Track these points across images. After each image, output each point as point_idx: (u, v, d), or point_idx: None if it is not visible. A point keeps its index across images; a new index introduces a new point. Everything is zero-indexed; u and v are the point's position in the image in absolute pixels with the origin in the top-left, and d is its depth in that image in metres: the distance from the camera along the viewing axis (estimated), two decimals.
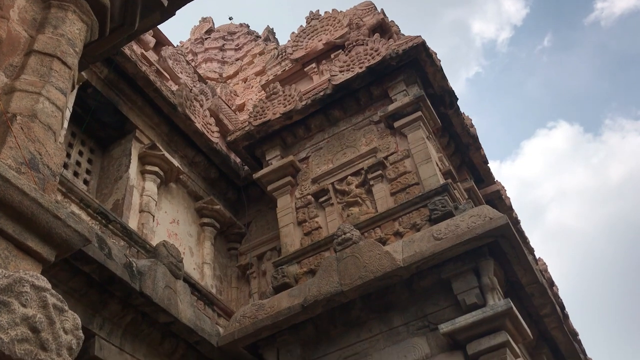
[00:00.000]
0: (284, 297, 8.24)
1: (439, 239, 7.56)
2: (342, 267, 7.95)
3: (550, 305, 8.43)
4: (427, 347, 7.38)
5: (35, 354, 2.41)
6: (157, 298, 7.42)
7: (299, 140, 10.74)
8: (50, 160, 3.56)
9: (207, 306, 9.42)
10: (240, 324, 8.23)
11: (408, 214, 8.65)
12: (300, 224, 9.74)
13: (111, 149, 10.08)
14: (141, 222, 9.31)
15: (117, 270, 7.01)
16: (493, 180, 12.01)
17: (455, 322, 7.11)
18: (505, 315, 6.98)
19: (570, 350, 9.31)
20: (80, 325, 2.72)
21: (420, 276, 7.71)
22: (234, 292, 10.83)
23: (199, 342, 8.06)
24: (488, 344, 6.92)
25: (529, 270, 7.90)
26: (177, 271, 8.10)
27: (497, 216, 7.46)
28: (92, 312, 7.05)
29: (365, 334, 7.89)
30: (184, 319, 7.76)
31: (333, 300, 7.83)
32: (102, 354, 6.96)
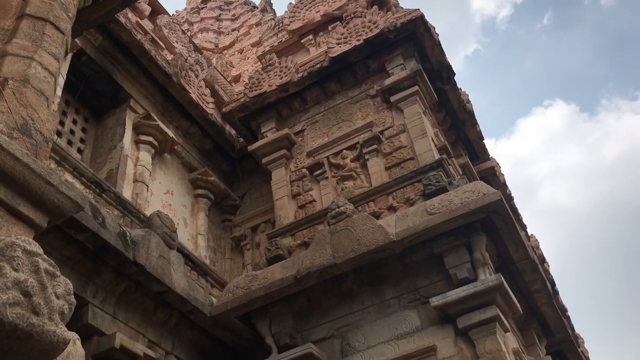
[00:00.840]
0: (277, 269, 8.29)
1: (432, 214, 7.59)
2: (335, 240, 7.98)
3: (540, 281, 8.52)
4: (418, 319, 7.46)
5: (27, 317, 2.42)
6: (150, 267, 7.45)
7: (294, 113, 10.69)
8: (42, 126, 3.53)
9: (200, 276, 9.47)
10: (234, 294, 8.28)
11: (402, 188, 8.66)
12: (295, 197, 9.75)
13: (105, 118, 10.02)
14: (135, 192, 9.30)
15: (111, 239, 7.02)
16: (488, 157, 12.02)
17: (446, 296, 7.18)
18: (496, 290, 7.05)
19: (559, 326, 9.44)
20: (72, 291, 2.73)
21: (412, 250, 7.76)
22: (228, 263, 10.88)
23: (192, 312, 8.12)
24: (478, 318, 7.00)
25: (521, 246, 7.96)
26: (171, 241, 8.12)
27: (491, 192, 7.49)
28: (85, 280, 7.07)
29: (357, 306, 7.96)
30: (178, 289, 7.80)
31: (326, 272, 7.88)
32: (95, 322, 7.01)
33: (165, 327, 8.02)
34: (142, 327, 7.66)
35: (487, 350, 6.82)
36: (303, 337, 8.04)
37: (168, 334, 8.06)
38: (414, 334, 7.34)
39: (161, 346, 7.86)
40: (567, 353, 10.22)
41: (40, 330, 2.46)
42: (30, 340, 2.48)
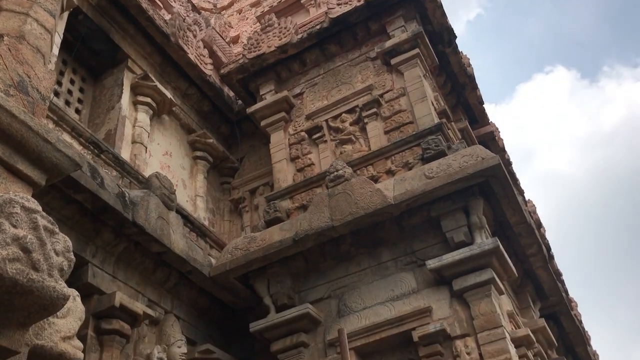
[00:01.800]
0: (276, 231, 8.35)
1: (430, 178, 7.60)
2: (333, 203, 8.02)
3: (536, 245, 8.60)
4: (414, 282, 7.55)
5: (26, 273, 2.45)
6: (149, 228, 7.49)
7: (293, 75, 10.59)
8: (39, 83, 3.50)
9: (199, 238, 9.54)
10: (232, 255, 8.36)
11: (401, 152, 8.66)
12: (293, 160, 9.75)
13: (103, 79, 9.92)
14: (134, 153, 9.28)
15: (110, 199, 7.04)
16: (487, 122, 11.97)
17: (442, 259, 7.26)
18: (492, 254, 7.12)
19: (553, 289, 9.56)
20: (71, 248, 2.75)
21: (410, 214, 7.80)
22: (227, 225, 10.95)
23: (191, 272, 8.21)
24: (474, 280, 7.09)
25: (518, 210, 8.00)
26: (170, 202, 8.15)
27: (489, 156, 7.49)
28: (85, 240, 7.12)
29: (354, 268, 8.05)
30: (177, 249, 7.87)
31: (324, 234, 7.94)
32: (95, 281, 7.09)
33: (164, 287, 8.12)
34: (141, 286, 7.76)
35: (482, 312, 6.93)
36: (301, 297, 8.16)
37: (167, 293, 8.17)
38: (409, 296, 7.44)
39: (160, 305, 7.97)
40: (561, 316, 10.39)
41: (40, 285, 2.49)
42: (30, 296, 2.51)
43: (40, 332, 2.81)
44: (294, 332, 7.77)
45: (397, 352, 7.27)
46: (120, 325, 7.01)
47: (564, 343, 10.86)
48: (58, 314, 2.91)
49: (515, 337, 7.31)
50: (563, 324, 10.58)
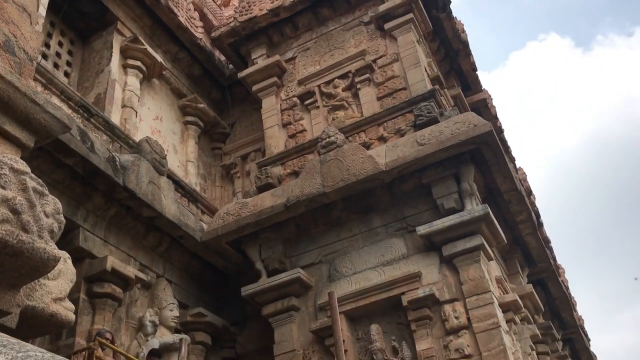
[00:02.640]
0: (267, 197, 8.35)
1: (422, 145, 7.60)
2: (325, 169, 8.01)
3: (526, 212, 8.66)
4: (404, 247, 7.62)
5: (16, 234, 2.44)
6: (140, 193, 7.48)
7: (285, 39, 10.45)
8: (26, 43, 3.43)
9: (191, 203, 9.54)
10: (224, 220, 8.38)
11: (393, 119, 8.62)
12: (285, 126, 9.69)
13: (92, 41, 9.76)
14: (124, 117, 9.19)
15: (100, 164, 7.00)
16: (480, 89, 11.92)
17: (432, 225, 7.31)
18: (481, 220, 7.17)
19: (541, 256, 9.68)
20: (60, 210, 2.74)
21: (401, 180, 7.82)
22: (218, 190, 10.94)
23: (183, 237, 8.23)
24: (463, 246, 7.16)
25: (509, 177, 8.04)
26: (161, 167, 8.12)
27: (482, 123, 7.48)
28: (75, 204, 7.10)
29: (345, 233, 8.10)
30: (168, 214, 7.87)
31: (315, 201, 7.96)
32: (86, 245, 7.10)
33: (156, 252, 8.15)
34: (133, 251, 7.78)
35: (471, 278, 7.02)
36: (292, 262, 8.22)
37: (159, 258, 8.20)
38: (399, 261, 7.51)
39: (152, 269, 8.01)
40: (548, 282, 10.54)
41: (30, 247, 2.48)
42: (20, 257, 2.50)
43: (32, 294, 2.82)
44: (285, 296, 7.85)
45: (387, 316, 7.37)
46: (112, 289, 7.05)
47: (550, 308, 11.05)
48: (49, 276, 2.91)
49: (503, 302, 7.42)
50: (550, 289, 10.75)
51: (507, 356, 6.44)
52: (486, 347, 6.56)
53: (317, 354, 7.40)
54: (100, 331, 6.55)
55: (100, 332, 6.49)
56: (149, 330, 7.42)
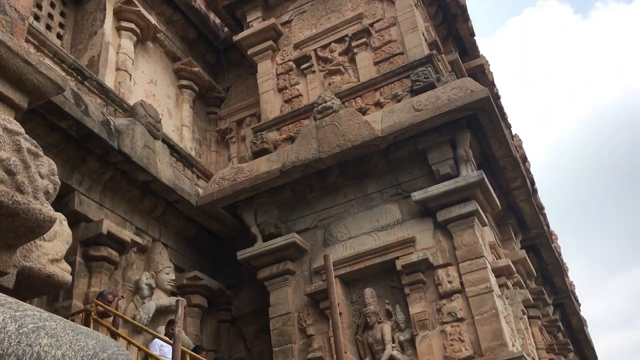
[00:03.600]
0: (263, 162, 8.34)
1: (418, 110, 7.56)
2: (321, 134, 7.99)
3: (521, 179, 8.69)
4: (399, 213, 7.65)
5: (11, 195, 2.43)
6: (135, 157, 7.45)
7: (281, 1, 10.28)
8: (17, 2, 3.36)
9: (186, 167, 9.52)
10: (220, 185, 8.38)
11: (390, 84, 8.56)
12: (281, 91, 9.62)
13: (84, 2, 9.58)
14: (118, 80, 9.10)
15: (95, 127, 6.96)
16: (478, 54, 11.82)
17: (427, 191, 7.33)
18: (476, 186, 7.20)
19: (535, 222, 9.76)
20: (55, 171, 2.73)
21: (397, 146, 7.81)
22: (213, 155, 10.92)
23: (179, 201, 8.24)
24: (458, 212, 7.20)
25: (505, 144, 8.04)
26: (156, 131, 8.08)
27: (478, 89, 7.43)
28: (70, 167, 7.08)
29: (340, 199, 8.12)
30: (163, 178, 7.86)
31: (311, 166, 7.95)
32: (82, 209, 7.11)
33: (151, 216, 8.17)
34: (128, 214, 7.80)
35: (465, 243, 7.08)
36: (287, 227, 8.26)
37: (155, 222, 8.23)
38: (394, 226, 7.56)
39: (148, 233, 8.05)
40: (541, 248, 10.65)
41: (26, 208, 2.47)
42: (16, 218, 2.50)
43: (28, 255, 2.82)
44: (280, 260, 7.92)
45: (381, 280, 7.46)
46: (108, 252, 7.09)
47: (542, 274, 11.20)
48: (45, 237, 2.91)
49: (496, 267, 7.50)
50: (543, 255, 10.87)
51: (498, 320, 6.55)
52: (478, 311, 6.66)
53: (311, 316, 7.50)
54: (103, 292, 6.62)
55: (103, 293, 6.56)
56: (146, 293, 7.49)
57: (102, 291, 6.65)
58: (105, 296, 6.50)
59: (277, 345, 7.49)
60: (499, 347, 6.39)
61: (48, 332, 2.11)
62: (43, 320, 2.16)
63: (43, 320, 2.16)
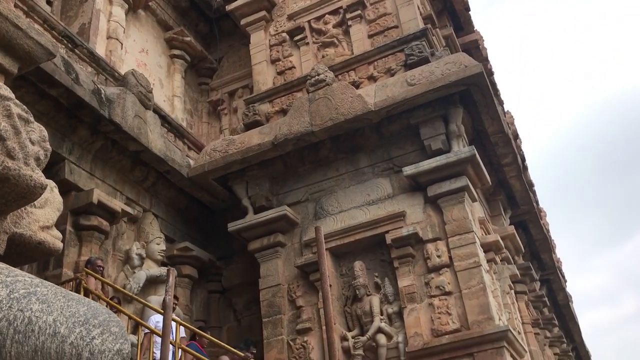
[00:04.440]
0: (255, 134, 8.31)
1: (412, 85, 7.54)
2: (313, 107, 7.95)
3: (512, 155, 8.72)
4: (390, 187, 7.68)
5: (2, 161, 2.41)
6: (126, 126, 7.40)
7: None
8: None
9: (177, 138, 9.47)
10: (211, 157, 8.36)
11: (384, 58, 8.51)
12: (274, 63, 9.54)
13: None
14: (109, 49, 8.98)
15: (85, 95, 6.89)
16: (472, 29, 11.74)
17: (419, 166, 7.35)
18: (467, 162, 7.22)
19: (525, 199, 9.82)
20: (47, 138, 2.70)
21: (389, 120, 7.79)
22: (205, 127, 10.86)
23: (170, 172, 8.22)
24: (448, 187, 7.23)
25: (497, 120, 8.04)
26: (147, 101, 8.01)
27: (472, 64, 7.40)
28: (61, 136, 7.03)
29: (332, 172, 8.13)
30: (154, 149, 7.82)
31: (303, 139, 7.93)
32: (72, 178, 7.07)
33: (142, 186, 8.14)
34: (119, 184, 7.77)
35: (454, 218, 7.13)
36: (278, 200, 8.27)
37: (145, 192, 8.21)
38: (385, 201, 7.59)
39: (139, 203, 8.04)
40: (530, 224, 10.74)
41: (17, 174, 2.46)
42: (6, 184, 2.48)
43: (19, 221, 2.81)
44: (271, 232, 7.94)
45: (370, 253, 7.51)
46: (99, 222, 7.08)
47: (530, 250, 11.32)
48: (36, 204, 2.90)
49: (485, 242, 7.58)
50: (531, 231, 10.97)
51: (486, 294, 6.64)
52: (466, 285, 6.74)
53: (301, 288, 7.56)
54: (90, 258, 6.63)
55: (91, 260, 6.57)
56: (136, 263, 7.51)
57: (90, 258, 6.65)
58: (93, 262, 6.50)
59: (267, 316, 7.56)
60: (486, 320, 6.49)
61: (39, 297, 2.12)
62: (34, 286, 2.16)
63: (34, 286, 2.16)
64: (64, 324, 2.11)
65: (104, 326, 2.25)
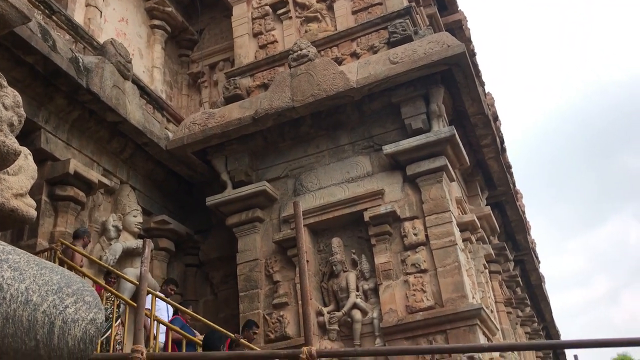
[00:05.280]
0: (235, 108, 8.24)
1: (394, 63, 7.52)
2: (295, 83, 7.90)
3: (491, 137, 8.79)
4: (370, 165, 7.70)
5: None
6: (104, 96, 7.28)
7: None
8: None
9: (156, 110, 9.36)
10: (190, 130, 8.28)
11: (367, 35, 8.46)
12: (256, 36, 9.43)
13: None
14: (88, 16, 8.78)
15: (63, 64, 6.75)
16: (456, 9, 11.71)
17: (399, 144, 7.37)
18: (447, 142, 7.26)
19: (502, 180, 9.93)
20: (20, 103, 2.64)
21: (371, 98, 7.78)
22: (184, 99, 10.74)
23: (148, 144, 8.13)
24: (427, 166, 7.27)
25: (477, 101, 8.08)
26: (126, 72, 7.88)
27: (455, 44, 7.40)
28: (37, 104, 6.89)
29: (312, 149, 8.12)
30: (133, 120, 7.72)
31: (284, 115, 7.89)
32: (48, 147, 6.96)
33: (120, 157, 8.05)
34: (96, 155, 7.67)
35: (432, 197, 7.19)
36: (258, 175, 8.25)
37: (123, 164, 8.12)
38: (364, 179, 7.62)
39: (116, 175, 7.95)
40: (506, 205, 10.89)
41: None
42: None
43: None
44: (249, 207, 7.93)
45: (348, 230, 7.56)
46: (75, 193, 7.00)
47: (506, 230, 11.49)
48: (9, 171, 2.85)
49: (461, 222, 7.66)
50: (507, 212, 11.12)
51: (460, 272, 6.73)
52: (442, 263, 6.83)
53: (279, 263, 7.59)
54: (79, 230, 6.55)
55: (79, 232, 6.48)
56: (112, 235, 7.46)
57: (79, 229, 6.56)
58: (81, 237, 6.43)
59: (244, 290, 7.59)
60: (460, 298, 6.59)
61: (11, 265, 2.10)
62: (6, 253, 2.13)
63: (6, 253, 2.13)
64: (36, 292, 2.09)
65: (77, 295, 2.23)
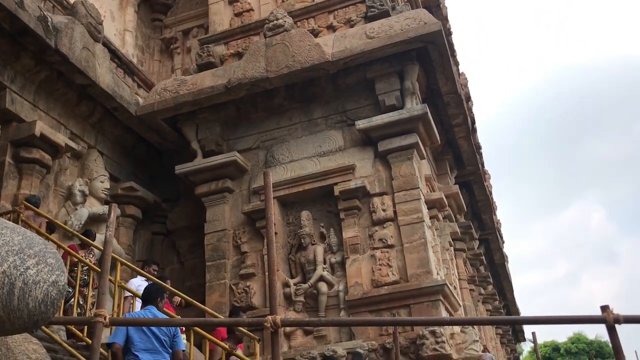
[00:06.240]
0: (208, 76, 8.13)
1: (371, 38, 7.48)
2: (270, 53, 7.81)
3: (462, 116, 8.87)
4: (342, 140, 7.71)
5: None
6: (73, 58, 7.10)
7: None
8: None
9: (127, 75, 9.17)
10: (161, 96, 8.14)
11: (345, 7, 8.39)
12: (232, 3, 9.26)
13: None
14: None
15: (30, 22, 6.54)
16: None
17: (371, 120, 7.39)
18: (419, 119, 7.30)
19: (471, 159, 10.06)
20: None
21: (346, 72, 7.75)
22: (156, 65, 10.54)
23: (117, 109, 7.98)
24: (399, 143, 7.32)
25: (451, 80, 8.12)
26: (97, 34, 7.68)
27: (432, 22, 7.39)
28: (2, 63, 6.68)
29: (285, 121, 8.08)
30: (102, 84, 7.56)
31: (257, 85, 7.82)
32: (13, 107, 6.78)
33: (88, 122, 7.89)
34: (64, 118, 7.51)
35: (402, 174, 7.25)
36: (229, 145, 8.19)
37: (91, 128, 7.97)
38: (336, 153, 7.63)
39: (84, 139, 7.80)
40: (474, 185, 11.05)
41: None
42: None
43: None
44: (219, 177, 7.89)
45: (318, 204, 7.59)
46: (41, 155, 6.85)
47: (472, 209, 11.68)
48: None
49: (430, 199, 7.75)
50: (475, 192, 11.30)
51: (426, 249, 6.83)
52: (408, 239, 6.92)
53: (247, 234, 7.60)
54: (31, 198, 6.40)
55: (31, 200, 6.34)
56: (78, 200, 7.35)
57: (30, 197, 6.37)
58: (35, 205, 6.28)
59: (211, 260, 7.59)
60: (424, 274, 6.71)
61: None
62: None
63: None
64: None
65: (39, 256, 2.20)
